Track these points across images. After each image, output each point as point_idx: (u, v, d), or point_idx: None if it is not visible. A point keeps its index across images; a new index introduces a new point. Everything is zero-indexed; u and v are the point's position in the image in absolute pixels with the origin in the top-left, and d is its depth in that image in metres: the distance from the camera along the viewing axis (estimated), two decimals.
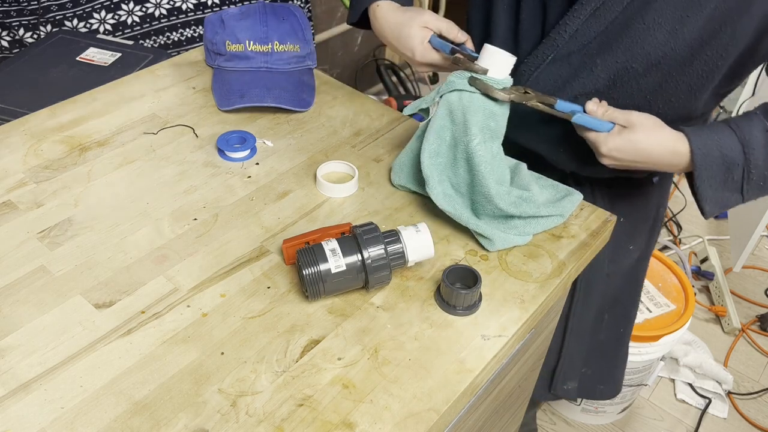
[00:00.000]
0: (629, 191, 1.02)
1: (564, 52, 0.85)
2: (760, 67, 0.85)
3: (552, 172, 0.95)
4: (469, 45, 0.89)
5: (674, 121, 0.82)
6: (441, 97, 0.81)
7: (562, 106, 0.83)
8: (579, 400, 1.61)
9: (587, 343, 1.21)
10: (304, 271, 0.70)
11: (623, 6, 0.79)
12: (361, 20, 0.97)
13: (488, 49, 0.80)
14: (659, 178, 1.05)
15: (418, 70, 0.90)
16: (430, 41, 0.87)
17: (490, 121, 0.79)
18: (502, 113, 0.81)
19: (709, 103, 0.87)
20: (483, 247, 0.81)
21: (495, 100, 0.80)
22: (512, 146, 0.92)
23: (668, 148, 0.79)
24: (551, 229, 0.84)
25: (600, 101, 0.83)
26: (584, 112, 0.83)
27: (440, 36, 0.88)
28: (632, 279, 1.17)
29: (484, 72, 0.79)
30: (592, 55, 0.83)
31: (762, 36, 0.76)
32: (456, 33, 0.87)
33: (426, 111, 0.85)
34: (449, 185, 0.82)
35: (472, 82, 0.79)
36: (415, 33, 0.87)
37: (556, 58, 0.86)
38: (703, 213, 0.82)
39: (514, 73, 0.86)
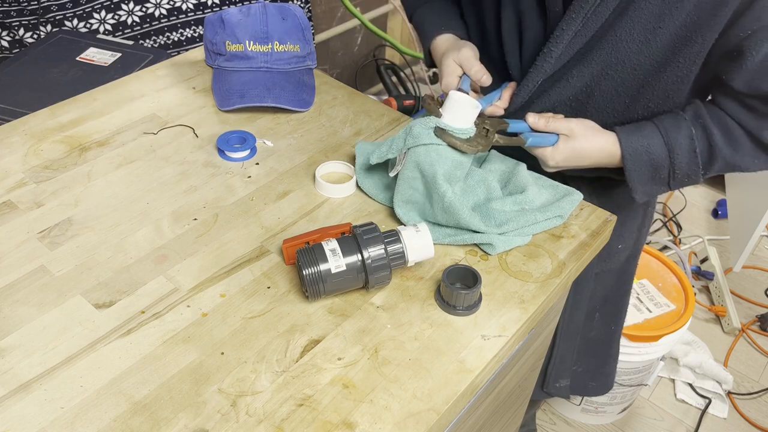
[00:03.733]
0: (615, 189, 1.03)
1: (549, 73, 0.89)
2: None
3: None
4: (488, 87, 0.93)
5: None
6: (408, 150, 0.80)
7: (513, 128, 0.87)
8: (579, 400, 1.61)
9: (578, 341, 1.22)
10: (304, 271, 0.70)
11: (601, 23, 0.82)
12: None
13: (452, 97, 0.80)
14: None
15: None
16: (461, 81, 0.91)
17: (456, 171, 0.80)
18: (468, 159, 0.82)
19: (687, 103, 0.90)
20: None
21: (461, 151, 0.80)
22: (502, 149, 0.94)
23: (605, 151, 0.86)
24: (551, 229, 0.84)
25: (540, 113, 0.89)
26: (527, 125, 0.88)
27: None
28: (622, 277, 1.17)
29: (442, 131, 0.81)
30: (571, 67, 0.88)
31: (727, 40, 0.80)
32: (482, 75, 0.90)
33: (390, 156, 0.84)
34: (431, 222, 0.83)
35: (438, 133, 0.79)
36: (447, 65, 0.92)
37: (544, 79, 0.90)
38: (635, 198, 0.90)
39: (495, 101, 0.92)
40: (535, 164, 0.94)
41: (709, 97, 0.89)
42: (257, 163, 0.93)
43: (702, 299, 2.02)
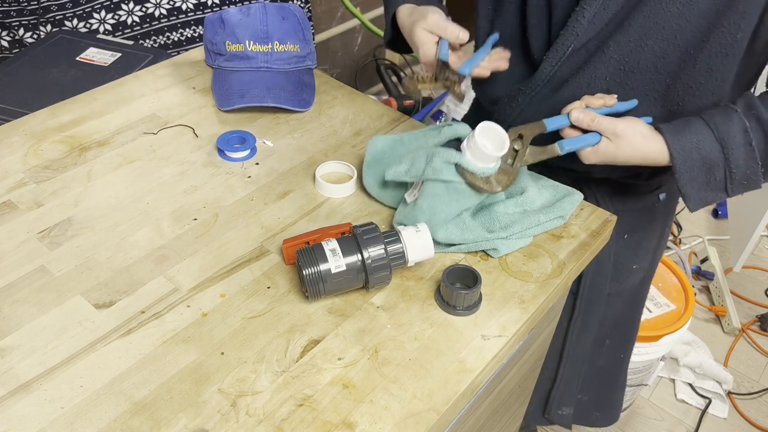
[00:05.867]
0: (634, 207, 1.00)
1: (583, 39, 0.83)
2: None
3: (560, 174, 0.93)
4: (469, 45, 0.88)
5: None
6: (426, 180, 0.77)
7: (551, 126, 0.81)
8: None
9: (585, 368, 1.17)
10: (304, 271, 0.70)
11: None
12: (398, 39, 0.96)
13: (477, 139, 0.74)
14: (665, 195, 1.03)
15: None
16: (438, 46, 0.85)
17: (472, 205, 0.79)
18: (485, 195, 0.80)
19: (734, 95, 0.84)
20: None
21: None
22: None
23: (648, 159, 0.79)
24: (551, 229, 0.84)
25: (588, 103, 0.81)
26: (569, 121, 0.81)
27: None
28: (634, 301, 1.14)
29: (461, 98, 0.77)
30: (607, 37, 0.81)
31: None
32: (457, 33, 0.84)
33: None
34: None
35: (459, 171, 0.76)
36: (419, 36, 0.86)
37: (576, 47, 0.84)
38: (689, 208, 0.83)
39: (535, 70, 0.86)
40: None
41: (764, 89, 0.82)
42: (257, 163, 0.93)
43: (702, 299, 2.02)
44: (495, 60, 0.88)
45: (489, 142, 0.76)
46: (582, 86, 0.86)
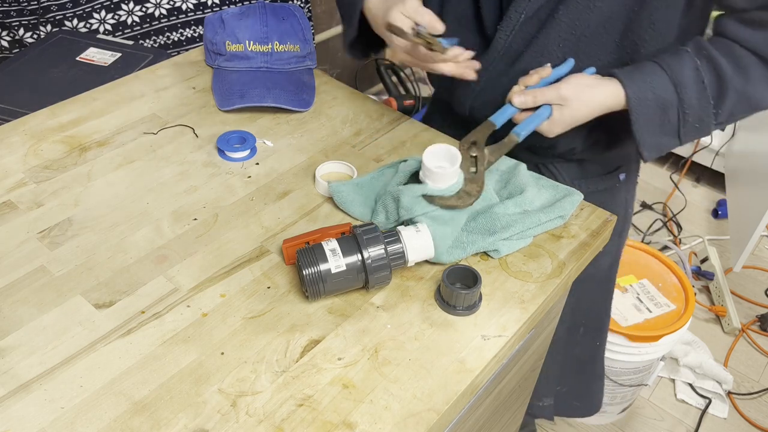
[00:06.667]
0: (597, 189, 1.02)
1: (534, 6, 0.84)
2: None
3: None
4: (443, 36, 0.87)
5: None
6: (402, 222, 0.78)
7: (500, 120, 0.82)
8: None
9: (561, 358, 1.17)
10: (304, 271, 0.70)
11: None
12: (366, 40, 0.95)
13: (426, 165, 0.76)
14: (625, 175, 1.05)
15: (401, 60, 0.88)
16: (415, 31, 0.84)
17: (461, 219, 0.79)
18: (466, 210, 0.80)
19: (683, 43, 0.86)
20: None
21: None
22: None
23: (605, 106, 0.81)
24: (551, 229, 0.84)
25: (525, 83, 0.82)
26: (513, 106, 0.83)
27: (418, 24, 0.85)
28: (605, 287, 1.15)
29: (442, 50, 0.77)
30: (557, 1, 0.82)
31: None
32: (435, 22, 0.83)
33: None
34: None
35: (428, 200, 0.76)
36: (395, 18, 0.84)
37: (528, 15, 0.85)
38: (642, 158, 0.84)
39: (490, 42, 0.87)
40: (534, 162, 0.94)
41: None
42: (257, 163, 0.93)
43: (702, 299, 2.02)
44: (464, 66, 0.86)
45: (440, 162, 0.77)
46: (536, 56, 0.87)
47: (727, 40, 0.79)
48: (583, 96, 0.80)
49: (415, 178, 0.81)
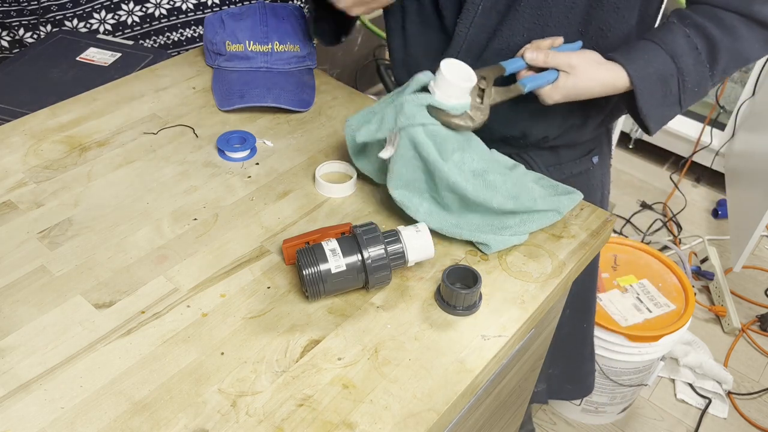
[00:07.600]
0: (572, 173, 1.03)
1: None
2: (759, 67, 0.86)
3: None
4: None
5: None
6: (401, 129, 0.76)
7: (510, 68, 0.82)
8: (579, 399, 1.61)
9: (550, 340, 1.19)
10: (304, 271, 0.70)
11: None
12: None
13: (444, 73, 0.74)
14: (598, 157, 1.06)
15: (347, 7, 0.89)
16: None
17: (455, 146, 0.77)
18: (468, 136, 0.79)
19: (642, 31, 0.87)
20: None
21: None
22: (502, 149, 0.92)
23: (607, 85, 0.82)
24: (550, 228, 0.84)
25: (537, 46, 0.83)
26: (525, 62, 0.83)
27: None
28: (588, 269, 1.16)
29: None
30: None
31: None
32: None
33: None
34: (434, 203, 0.81)
35: (432, 112, 0.75)
36: None
37: (486, 6, 0.85)
38: (648, 132, 0.86)
39: (451, 36, 0.87)
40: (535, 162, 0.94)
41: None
42: (257, 163, 0.93)
43: (702, 299, 2.02)
44: None
45: (458, 76, 0.76)
46: (502, 48, 0.87)
47: (705, 5, 0.81)
48: (591, 70, 0.82)
49: (426, 91, 0.79)
